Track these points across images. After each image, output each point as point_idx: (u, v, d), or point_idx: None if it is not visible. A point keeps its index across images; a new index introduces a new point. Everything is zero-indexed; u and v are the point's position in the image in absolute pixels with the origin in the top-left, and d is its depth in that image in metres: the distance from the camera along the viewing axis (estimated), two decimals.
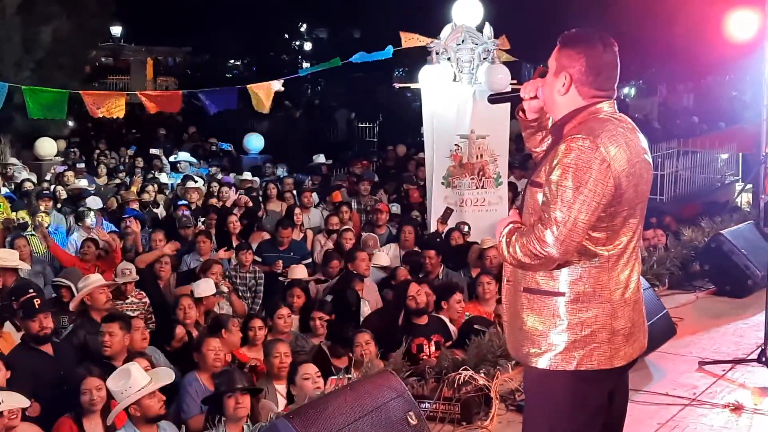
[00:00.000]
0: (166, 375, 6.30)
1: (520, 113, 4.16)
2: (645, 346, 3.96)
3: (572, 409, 3.79)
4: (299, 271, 10.38)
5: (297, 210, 12.97)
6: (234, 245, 11.72)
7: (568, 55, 3.82)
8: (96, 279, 8.78)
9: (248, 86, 13.95)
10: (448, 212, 11.81)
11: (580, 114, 3.78)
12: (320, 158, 19.71)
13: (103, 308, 8.53)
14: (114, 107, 12.87)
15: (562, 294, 3.73)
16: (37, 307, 7.58)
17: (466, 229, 11.75)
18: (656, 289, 8.89)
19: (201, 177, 18.01)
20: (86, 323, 8.41)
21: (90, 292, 8.59)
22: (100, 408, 6.29)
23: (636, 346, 3.87)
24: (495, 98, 4.41)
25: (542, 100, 3.99)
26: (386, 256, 11.21)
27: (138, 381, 5.91)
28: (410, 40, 13.10)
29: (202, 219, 12.73)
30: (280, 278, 10.75)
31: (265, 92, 13.95)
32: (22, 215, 12.72)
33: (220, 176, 18.61)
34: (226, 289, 9.83)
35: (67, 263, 10.75)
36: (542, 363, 3.76)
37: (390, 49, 13.77)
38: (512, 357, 4.14)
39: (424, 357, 7.70)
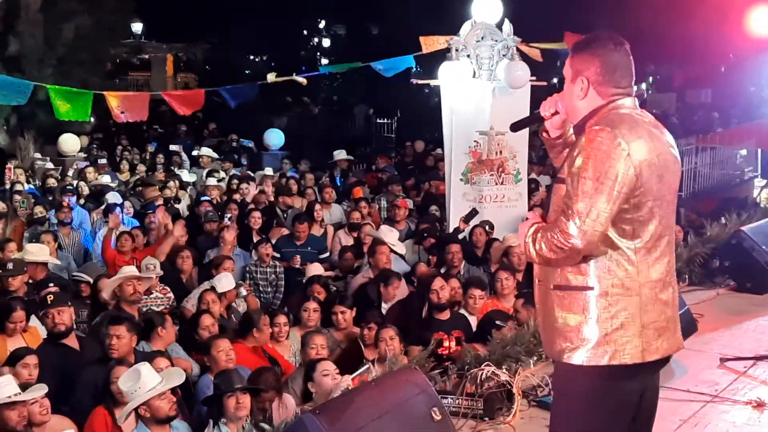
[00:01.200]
0: (177, 376, 6.29)
1: (544, 134, 4.22)
2: (680, 344, 3.98)
3: (603, 405, 3.83)
4: (316, 269, 10.43)
5: (317, 206, 13.03)
6: (254, 240, 11.82)
7: (581, 59, 3.89)
8: (128, 271, 8.94)
9: (268, 76, 13.98)
10: (472, 213, 11.81)
11: (600, 111, 3.83)
12: (341, 154, 19.71)
13: (130, 299, 8.65)
14: (138, 111, 12.91)
15: (591, 288, 3.76)
16: (48, 302, 7.70)
17: (487, 227, 11.75)
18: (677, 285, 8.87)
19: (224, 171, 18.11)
20: (114, 313, 8.50)
21: (120, 284, 8.71)
22: None
23: (671, 342, 3.89)
24: (517, 125, 4.41)
25: (564, 111, 4.04)
26: (400, 243, 11.23)
27: (147, 382, 5.90)
28: (431, 44, 13.13)
29: (228, 216, 12.82)
30: (299, 278, 10.79)
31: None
32: (40, 209, 12.84)
33: (233, 172, 18.65)
34: (245, 292, 9.89)
35: (108, 257, 10.88)
36: (576, 359, 3.79)
37: (411, 58, 13.81)
38: (542, 355, 4.18)
39: (444, 352, 7.73)
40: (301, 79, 14.16)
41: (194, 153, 20.79)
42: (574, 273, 3.79)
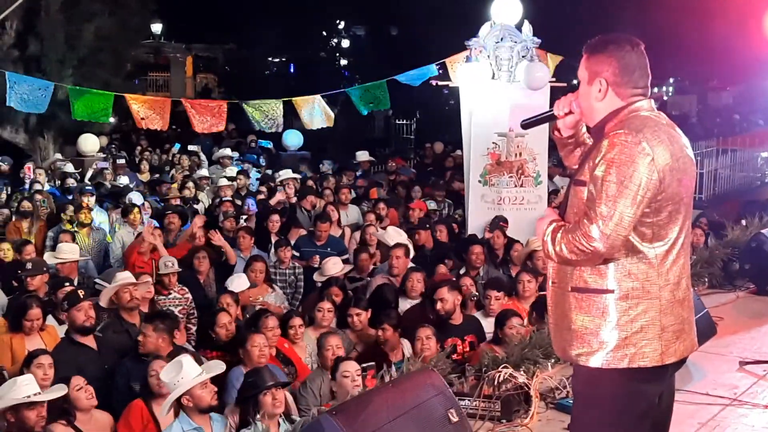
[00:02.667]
0: (217, 366, 6.39)
1: (556, 133, 4.21)
2: (696, 345, 3.98)
3: (623, 408, 3.82)
4: (334, 264, 10.38)
5: (330, 207, 13.02)
6: (273, 241, 11.83)
7: (598, 60, 3.87)
8: (123, 277, 8.79)
9: (294, 99, 13.94)
10: (496, 220, 11.80)
11: (620, 113, 3.82)
12: (364, 155, 19.71)
13: (127, 306, 8.56)
14: (158, 119, 12.89)
15: (611, 291, 3.75)
16: (81, 297, 7.78)
17: (500, 223, 11.71)
18: (696, 288, 8.83)
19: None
20: (114, 322, 8.51)
21: (116, 291, 8.63)
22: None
23: (687, 343, 3.89)
24: (528, 123, 4.38)
25: (578, 112, 4.03)
26: (398, 235, 11.18)
27: (189, 372, 6.00)
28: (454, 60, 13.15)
29: (245, 217, 12.84)
30: (315, 276, 10.77)
31: (313, 108, 13.93)
32: (71, 211, 12.87)
33: (252, 173, 18.66)
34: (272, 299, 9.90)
35: (127, 257, 10.92)
36: (594, 362, 3.79)
37: (433, 67, 13.80)
38: (560, 358, 4.17)
39: (457, 358, 7.71)
40: (322, 101, 14.05)
41: (214, 156, 20.84)
42: (594, 275, 3.78)
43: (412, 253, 11.00)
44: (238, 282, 9.43)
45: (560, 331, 3.95)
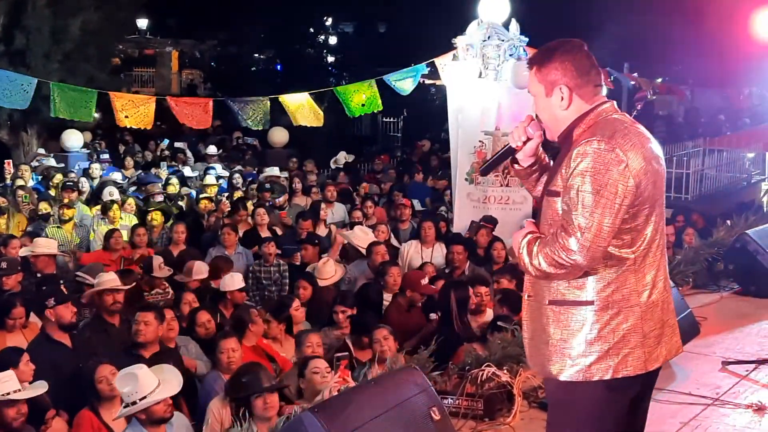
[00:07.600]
0: (174, 377, 6.13)
1: (516, 166, 4.09)
2: (680, 347, 3.88)
3: (601, 413, 3.72)
4: (330, 267, 10.25)
5: (323, 205, 13.00)
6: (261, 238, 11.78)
7: (550, 69, 3.75)
8: (108, 279, 8.52)
9: (280, 97, 13.91)
10: (474, 224, 11.80)
11: (587, 117, 3.72)
12: (343, 157, 19.74)
13: (110, 309, 8.30)
14: (142, 117, 12.82)
15: (591, 303, 3.64)
16: (66, 294, 7.71)
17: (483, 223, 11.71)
18: (680, 288, 8.85)
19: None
20: (94, 322, 8.39)
21: (99, 292, 8.40)
22: (119, 395, 6.20)
23: (669, 347, 3.79)
24: (487, 167, 4.31)
25: (537, 135, 3.91)
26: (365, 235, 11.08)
27: (146, 385, 5.80)
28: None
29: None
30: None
31: (302, 106, 13.89)
32: (45, 206, 12.79)
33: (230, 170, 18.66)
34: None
35: (91, 258, 10.82)
36: (576, 376, 3.65)
37: (423, 67, 13.80)
38: (539, 374, 4.04)
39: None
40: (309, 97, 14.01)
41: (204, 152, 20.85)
42: (572, 287, 3.67)
43: None
44: (230, 281, 9.37)
45: (537, 347, 3.81)
